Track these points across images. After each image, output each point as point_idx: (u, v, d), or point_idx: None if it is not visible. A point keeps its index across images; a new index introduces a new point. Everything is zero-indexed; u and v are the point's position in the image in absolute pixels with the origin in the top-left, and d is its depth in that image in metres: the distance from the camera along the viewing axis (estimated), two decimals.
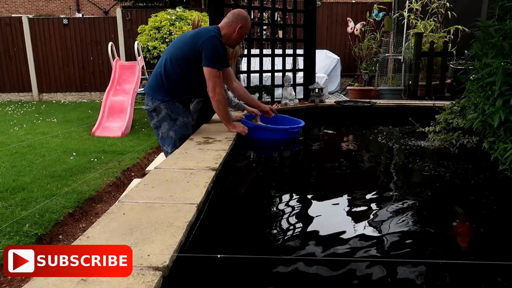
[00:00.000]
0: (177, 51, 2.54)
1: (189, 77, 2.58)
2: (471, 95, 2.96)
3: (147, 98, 2.65)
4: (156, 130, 2.69)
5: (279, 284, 1.30)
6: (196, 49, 2.46)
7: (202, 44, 2.44)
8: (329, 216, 1.85)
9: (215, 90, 2.51)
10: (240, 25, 2.57)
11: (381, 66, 7.84)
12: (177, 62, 2.52)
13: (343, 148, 3.47)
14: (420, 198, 2.15)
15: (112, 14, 16.14)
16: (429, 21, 7.22)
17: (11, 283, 2.42)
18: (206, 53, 2.45)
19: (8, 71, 10.30)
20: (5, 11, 17.31)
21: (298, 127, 3.17)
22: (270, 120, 3.14)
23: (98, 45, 10.17)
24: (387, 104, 4.45)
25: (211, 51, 2.45)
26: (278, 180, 2.52)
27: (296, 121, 3.27)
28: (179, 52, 2.53)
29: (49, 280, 0.96)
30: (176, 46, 2.58)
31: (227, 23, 2.59)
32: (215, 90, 2.51)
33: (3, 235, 2.72)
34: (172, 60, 2.53)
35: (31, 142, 5.39)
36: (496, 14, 2.76)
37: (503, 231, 1.71)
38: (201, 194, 1.55)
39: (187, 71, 2.54)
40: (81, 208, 3.36)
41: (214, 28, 2.58)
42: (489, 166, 2.45)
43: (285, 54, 4.36)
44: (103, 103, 6.62)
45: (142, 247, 1.12)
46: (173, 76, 2.54)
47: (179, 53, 2.52)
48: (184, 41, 2.55)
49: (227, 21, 2.59)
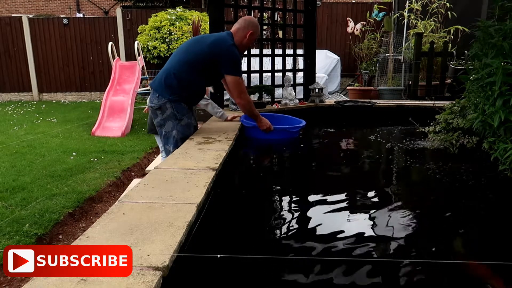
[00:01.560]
0: (192, 56, 2.58)
1: (201, 82, 2.66)
2: (471, 95, 2.96)
3: (153, 95, 2.64)
4: (159, 128, 2.69)
5: (279, 284, 1.30)
6: (214, 58, 2.54)
7: (222, 53, 2.53)
8: (329, 216, 1.85)
9: (241, 96, 2.70)
10: (251, 31, 2.66)
11: (381, 66, 7.84)
12: (192, 67, 2.56)
13: (343, 148, 3.47)
14: (420, 198, 2.15)
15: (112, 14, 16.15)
16: (429, 21, 7.22)
17: (11, 283, 2.42)
18: (227, 62, 2.55)
19: (8, 71, 10.30)
20: (5, 11, 17.32)
21: (298, 127, 3.17)
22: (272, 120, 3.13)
23: (98, 45, 10.16)
24: (387, 104, 4.45)
25: (232, 60, 2.56)
26: (278, 180, 2.52)
27: (296, 120, 3.27)
28: (195, 58, 2.57)
29: (49, 280, 0.96)
30: (191, 50, 2.61)
31: (238, 29, 2.66)
32: (241, 96, 2.69)
33: (3, 235, 2.72)
34: (186, 63, 2.57)
35: (31, 142, 5.39)
36: (496, 14, 2.76)
37: (503, 231, 1.71)
38: (201, 194, 1.55)
39: (200, 77, 2.60)
40: (81, 208, 3.36)
41: (228, 35, 2.64)
42: (489, 166, 2.45)
43: (285, 54, 4.36)
44: (103, 103, 6.62)
45: (142, 247, 1.12)
46: (185, 79, 2.57)
47: (195, 59, 2.56)
48: (202, 48, 2.58)
49: (239, 27, 2.66)
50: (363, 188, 2.29)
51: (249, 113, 2.88)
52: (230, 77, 2.60)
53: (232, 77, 2.60)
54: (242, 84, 2.69)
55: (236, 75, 2.60)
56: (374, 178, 2.54)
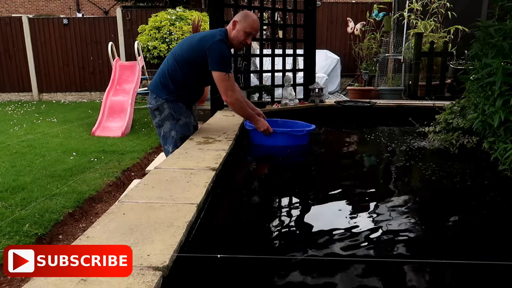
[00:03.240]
0: (183, 53, 2.53)
1: (194, 79, 2.58)
2: (471, 95, 2.96)
3: (150, 96, 2.64)
4: (158, 128, 2.69)
5: (279, 284, 1.30)
6: (203, 53, 2.45)
7: (209, 48, 2.42)
8: (329, 216, 1.85)
9: (227, 94, 2.50)
10: (235, 20, 2.52)
11: (381, 66, 7.85)
12: (182, 64, 2.52)
13: (343, 148, 3.47)
14: (420, 198, 2.15)
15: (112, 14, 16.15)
16: (429, 21, 7.22)
17: (11, 283, 2.42)
18: (212, 57, 2.42)
19: (8, 71, 10.29)
20: (5, 11, 17.32)
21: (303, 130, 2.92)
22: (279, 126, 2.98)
23: (98, 45, 10.16)
24: (387, 104, 4.45)
25: (217, 54, 2.42)
26: (278, 180, 2.52)
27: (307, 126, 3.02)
28: (185, 55, 2.51)
29: (49, 280, 0.96)
30: (182, 47, 2.56)
31: (229, 24, 2.57)
32: (227, 93, 2.49)
33: (3, 235, 2.72)
34: (177, 61, 2.53)
35: (31, 142, 5.39)
36: (496, 14, 2.77)
37: (503, 231, 1.71)
38: (201, 194, 1.55)
39: (192, 74, 2.54)
40: (81, 208, 3.36)
41: (220, 31, 2.55)
42: (489, 166, 2.45)
43: (285, 54, 4.36)
44: (103, 103, 6.62)
45: (142, 247, 1.12)
46: (178, 77, 2.54)
47: (185, 56, 2.51)
48: (190, 43, 2.53)
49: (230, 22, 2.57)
50: (363, 188, 2.29)
51: (241, 114, 2.72)
52: (214, 73, 2.44)
53: (217, 73, 2.44)
54: (229, 81, 2.47)
55: (221, 70, 2.43)
56: (374, 178, 2.54)
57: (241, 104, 2.64)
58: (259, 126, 2.78)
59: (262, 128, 2.78)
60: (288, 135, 2.92)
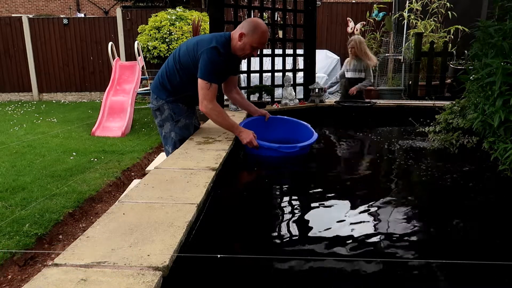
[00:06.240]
0: (181, 55, 2.51)
1: (190, 82, 2.51)
2: (471, 95, 2.96)
3: (152, 96, 2.65)
4: (160, 128, 2.70)
5: (280, 284, 1.30)
6: (197, 58, 2.40)
7: (201, 53, 2.36)
8: (329, 216, 1.85)
9: (202, 103, 2.39)
10: (243, 32, 2.37)
11: (381, 66, 7.85)
12: (180, 67, 2.51)
13: (343, 148, 3.47)
14: (420, 198, 2.15)
15: (112, 14, 16.16)
16: (429, 21, 7.23)
17: (11, 283, 2.42)
18: (201, 63, 2.36)
19: (8, 71, 10.30)
20: (5, 11, 17.33)
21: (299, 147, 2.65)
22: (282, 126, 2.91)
23: (98, 45, 10.17)
24: (387, 104, 4.45)
25: (205, 62, 2.34)
26: (278, 179, 2.52)
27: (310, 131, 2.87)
28: (182, 58, 2.50)
29: (49, 280, 0.96)
30: (181, 50, 2.55)
31: (236, 30, 2.46)
32: (202, 103, 2.39)
33: (3, 235, 2.72)
34: (176, 63, 2.53)
35: (31, 142, 5.39)
36: (496, 14, 2.77)
37: (503, 231, 1.71)
38: (201, 194, 1.55)
39: (187, 76, 2.51)
40: (81, 208, 3.36)
41: (220, 36, 2.44)
42: (489, 166, 2.45)
43: (285, 54, 4.36)
44: (103, 103, 6.62)
45: (142, 247, 1.12)
46: (174, 79, 2.54)
47: (182, 59, 2.50)
48: (188, 46, 2.49)
49: (238, 27, 2.45)
50: (363, 188, 2.29)
51: (218, 124, 2.53)
52: (199, 79, 2.36)
53: (200, 80, 2.36)
54: (209, 90, 2.35)
55: (204, 78, 2.34)
56: (374, 178, 2.54)
57: (219, 114, 2.47)
58: (242, 138, 2.52)
59: (245, 141, 2.51)
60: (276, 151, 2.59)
